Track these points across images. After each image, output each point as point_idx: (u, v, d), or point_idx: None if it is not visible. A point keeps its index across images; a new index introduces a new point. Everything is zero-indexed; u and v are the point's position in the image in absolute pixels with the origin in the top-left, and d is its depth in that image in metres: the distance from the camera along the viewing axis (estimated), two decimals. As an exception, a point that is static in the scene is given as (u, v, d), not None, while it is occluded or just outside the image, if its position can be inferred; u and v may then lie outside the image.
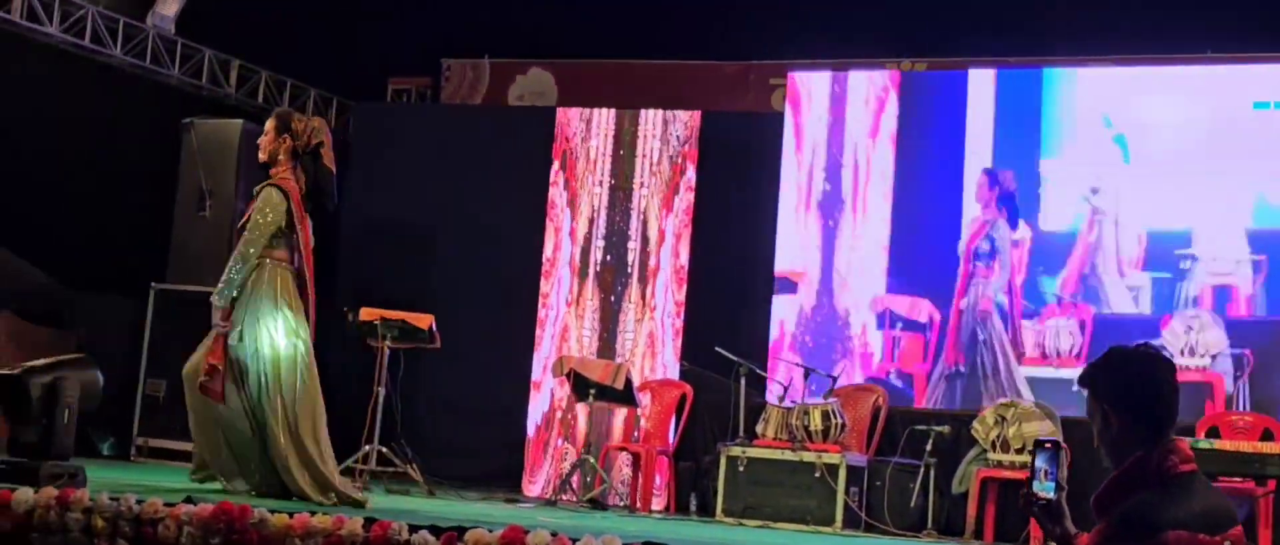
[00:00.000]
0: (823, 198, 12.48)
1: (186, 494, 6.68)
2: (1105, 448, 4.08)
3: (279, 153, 8.42)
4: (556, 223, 13.29)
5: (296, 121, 8.48)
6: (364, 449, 10.57)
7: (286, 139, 8.42)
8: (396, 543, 5.91)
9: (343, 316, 11.36)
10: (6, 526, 6.42)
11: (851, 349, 12.15)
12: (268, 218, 8.25)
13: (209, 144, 12.57)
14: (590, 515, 10.01)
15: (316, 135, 8.47)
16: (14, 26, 12.15)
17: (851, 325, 12.22)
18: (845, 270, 12.34)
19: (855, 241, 12.38)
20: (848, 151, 12.40)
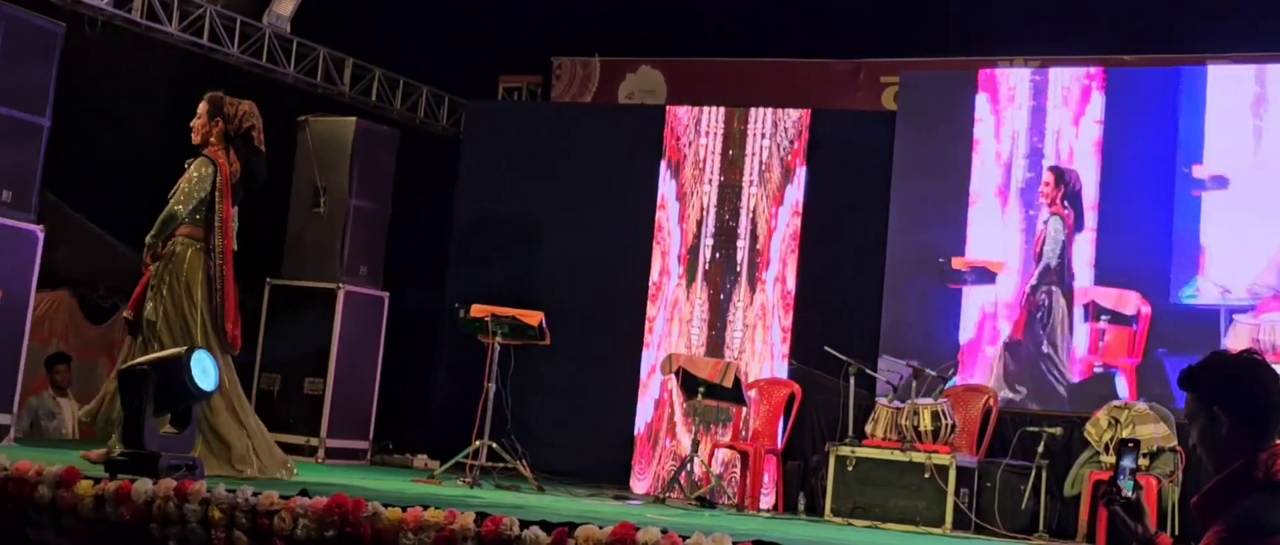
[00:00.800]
0: (1025, 185, 12.11)
1: (302, 487, 6.77)
2: (1207, 450, 4.07)
3: (211, 135, 8.78)
4: (666, 221, 13.31)
5: (228, 105, 8.85)
6: (474, 444, 10.64)
7: (219, 122, 8.82)
8: (507, 538, 5.96)
9: (454, 313, 11.45)
10: (127, 517, 6.55)
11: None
12: (197, 186, 8.60)
13: (323, 141, 12.71)
14: (699, 513, 10.01)
15: (247, 119, 8.86)
16: (134, 25, 12.36)
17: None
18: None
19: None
20: (1049, 142, 12.07)
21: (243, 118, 8.77)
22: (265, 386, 12.37)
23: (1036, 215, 11.97)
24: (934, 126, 12.60)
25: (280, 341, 12.47)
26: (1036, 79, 12.26)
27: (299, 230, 12.69)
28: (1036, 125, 12.13)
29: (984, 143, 12.27)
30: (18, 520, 6.84)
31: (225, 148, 8.72)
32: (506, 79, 15.40)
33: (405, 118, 14.75)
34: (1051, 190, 11.83)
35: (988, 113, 12.29)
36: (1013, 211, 12.07)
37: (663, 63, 15.07)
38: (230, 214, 8.74)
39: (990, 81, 12.35)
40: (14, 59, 9.93)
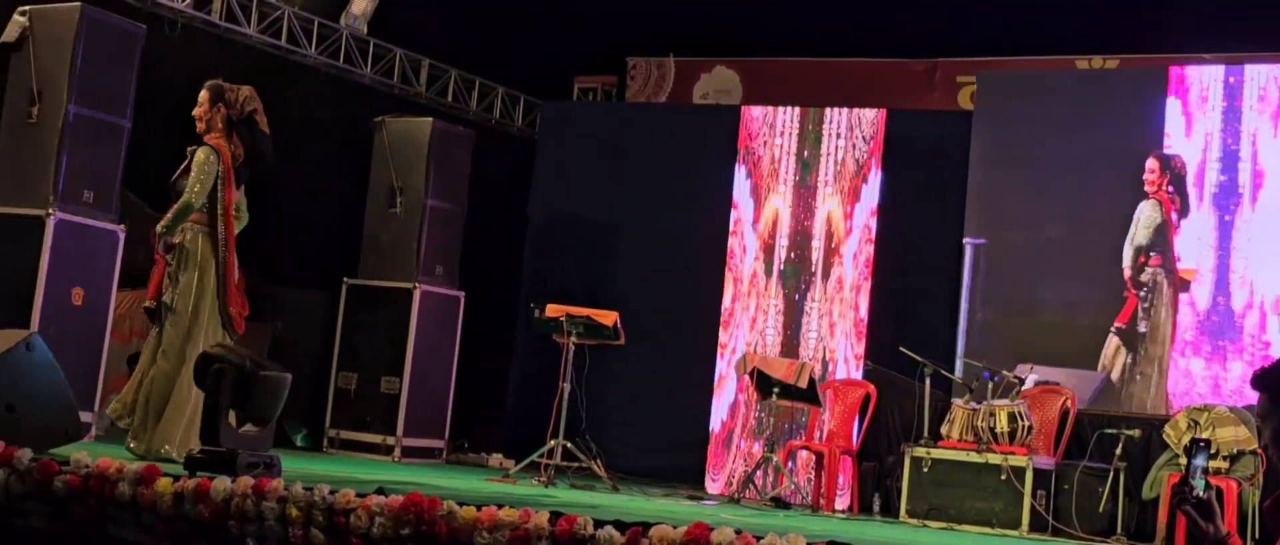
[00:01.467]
0: (1218, 189, 11.76)
1: (378, 486, 6.81)
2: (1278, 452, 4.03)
3: (216, 121, 8.90)
4: (740, 222, 13.29)
5: (229, 92, 8.99)
6: (549, 444, 10.67)
7: (221, 108, 8.94)
8: (582, 537, 5.97)
9: (529, 313, 11.49)
10: (205, 514, 6.61)
11: (1244, 345, 11.48)
12: (205, 174, 8.74)
13: (399, 142, 12.79)
14: (773, 514, 10.00)
15: (249, 103, 9.00)
16: (213, 27, 12.48)
17: (1247, 321, 11.51)
18: (1241, 266, 11.55)
19: (1251, 235, 11.58)
20: (1245, 143, 11.86)
21: (244, 102, 8.95)
22: (342, 385, 12.46)
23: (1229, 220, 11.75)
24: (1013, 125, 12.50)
25: (357, 341, 12.56)
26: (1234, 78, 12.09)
27: (376, 230, 12.77)
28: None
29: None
30: (98, 517, 6.92)
31: (227, 134, 8.84)
32: (582, 79, 15.44)
33: (481, 118, 14.81)
34: (1156, 177, 11.72)
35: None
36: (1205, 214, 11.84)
37: (738, 63, 15.06)
38: (232, 200, 8.87)
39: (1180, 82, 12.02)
40: (96, 60, 10.06)
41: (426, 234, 12.59)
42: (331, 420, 12.53)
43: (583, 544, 5.96)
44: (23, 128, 9.99)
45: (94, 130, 10.07)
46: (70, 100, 9.87)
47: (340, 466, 9.96)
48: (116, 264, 10.21)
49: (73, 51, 9.92)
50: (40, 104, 9.93)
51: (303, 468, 8.63)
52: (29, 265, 9.66)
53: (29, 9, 10.13)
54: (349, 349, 12.59)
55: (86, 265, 9.95)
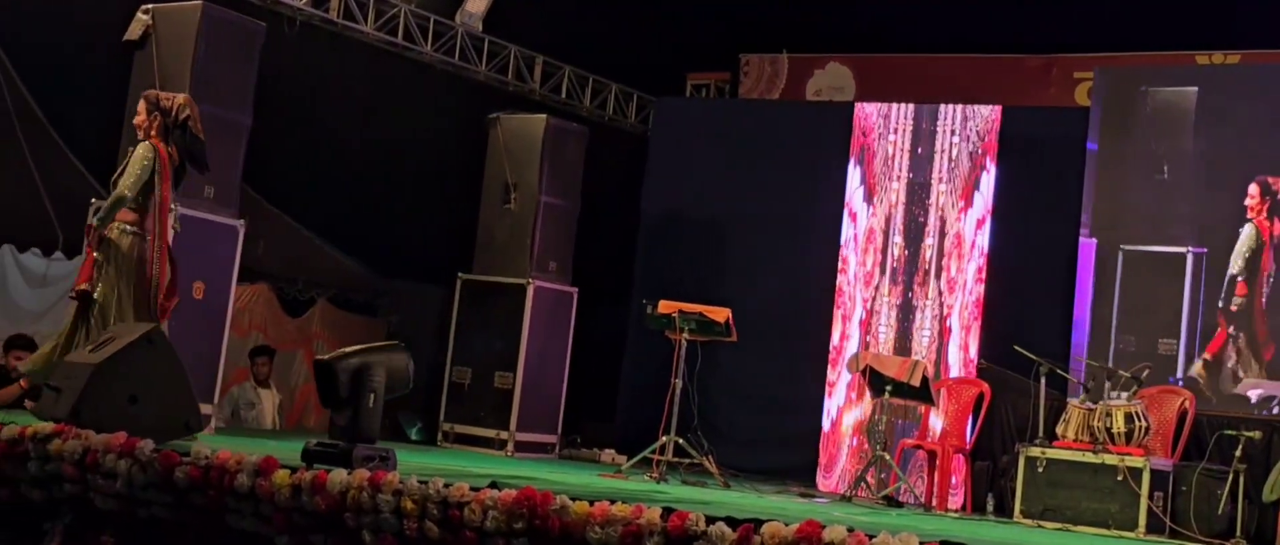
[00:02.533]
0: None
1: (492, 480, 6.86)
2: None
3: (152, 129, 9.02)
4: (853, 219, 13.23)
5: (164, 100, 9.11)
6: (661, 440, 10.69)
7: (157, 116, 9.06)
8: (693, 534, 5.98)
9: (641, 309, 11.51)
10: (322, 506, 6.69)
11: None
12: (140, 167, 8.87)
13: (514, 138, 12.86)
14: (885, 512, 9.96)
15: (183, 110, 9.08)
16: (331, 25, 12.63)
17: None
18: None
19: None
20: None
21: (179, 109, 9.12)
22: (457, 380, 12.56)
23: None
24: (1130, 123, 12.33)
25: (471, 336, 12.65)
26: None
27: (490, 226, 12.86)
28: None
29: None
30: (218, 508, 7.03)
31: (165, 139, 8.98)
32: (695, 76, 15.45)
33: (594, 114, 14.87)
34: (1257, 203, 11.52)
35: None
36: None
37: (851, 59, 14.99)
38: (169, 197, 9.03)
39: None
40: (217, 58, 10.20)
41: (540, 230, 12.66)
42: (446, 414, 12.63)
43: (694, 540, 5.97)
44: (145, 125, 10.14)
45: (215, 127, 10.19)
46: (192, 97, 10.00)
47: (454, 460, 10.04)
48: (236, 259, 10.36)
49: (194, 49, 10.07)
50: (162, 101, 10.08)
51: (417, 461, 8.71)
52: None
53: (152, 7, 10.29)
54: (463, 344, 12.68)
55: (207, 260, 10.09)
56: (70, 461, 7.34)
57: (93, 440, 7.34)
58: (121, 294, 8.81)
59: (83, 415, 7.60)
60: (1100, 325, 12.06)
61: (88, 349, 8.11)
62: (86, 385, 7.69)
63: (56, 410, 7.74)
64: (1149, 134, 12.17)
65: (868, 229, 13.16)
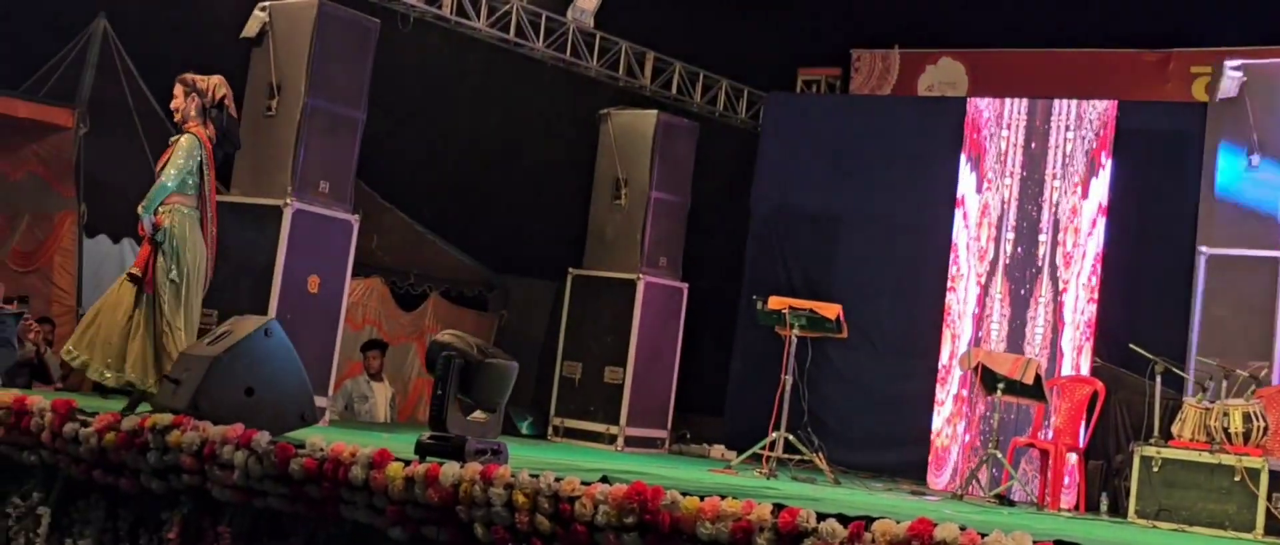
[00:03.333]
0: None
1: (602, 474, 6.88)
2: None
3: (191, 111, 9.05)
4: (965, 214, 13.14)
5: (200, 82, 9.12)
6: (771, 436, 10.68)
7: (195, 98, 9.07)
8: (804, 530, 5.97)
9: (752, 304, 11.50)
10: (434, 499, 6.75)
11: None
12: (186, 159, 8.90)
13: (624, 134, 12.89)
14: (997, 511, 9.87)
15: (219, 90, 9.13)
16: (444, 21, 12.72)
17: None
18: None
19: None
20: None
21: (215, 89, 9.15)
22: (567, 374, 12.61)
23: None
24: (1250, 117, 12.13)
25: (582, 331, 12.70)
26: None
27: (601, 222, 12.90)
28: None
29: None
30: (332, 499, 7.11)
31: (203, 121, 9.02)
32: (805, 71, 15.41)
33: (705, 110, 14.87)
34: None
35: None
36: None
37: (964, 54, 14.88)
38: (214, 183, 9.15)
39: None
40: (332, 54, 10.31)
41: (650, 226, 12.68)
42: (556, 409, 12.68)
43: (805, 537, 5.96)
44: (262, 121, 10.28)
45: (330, 122, 10.32)
46: (307, 93, 10.13)
47: (565, 455, 10.08)
48: (350, 252, 10.46)
49: (310, 45, 10.18)
50: (279, 97, 10.22)
51: (528, 455, 8.76)
52: (267, 253, 9.94)
53: (269, 4, 10.43)
54: (574, 339, 12.73)
55: (322, 254, 10.21)
56: (188, 452, 7.46)
57: (210, 432, 7.46)
58: (176, 274, 8.93)
59: (201, 407, 7.72)
60: (1215, 324, 11.88)
61: (207, 341, 8.23)
62: (205, 377, 7.80)
63: (175, 402, 7.87)
64: (1269, 129, 11.97)
65: (980, 225, 13.05)
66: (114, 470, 7.86)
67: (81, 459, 7.95)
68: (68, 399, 8.31)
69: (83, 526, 8.04)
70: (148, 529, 7.83)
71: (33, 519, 8.23)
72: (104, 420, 7.88)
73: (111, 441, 7.76)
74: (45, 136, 12.50)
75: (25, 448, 8.23)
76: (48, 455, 8.12)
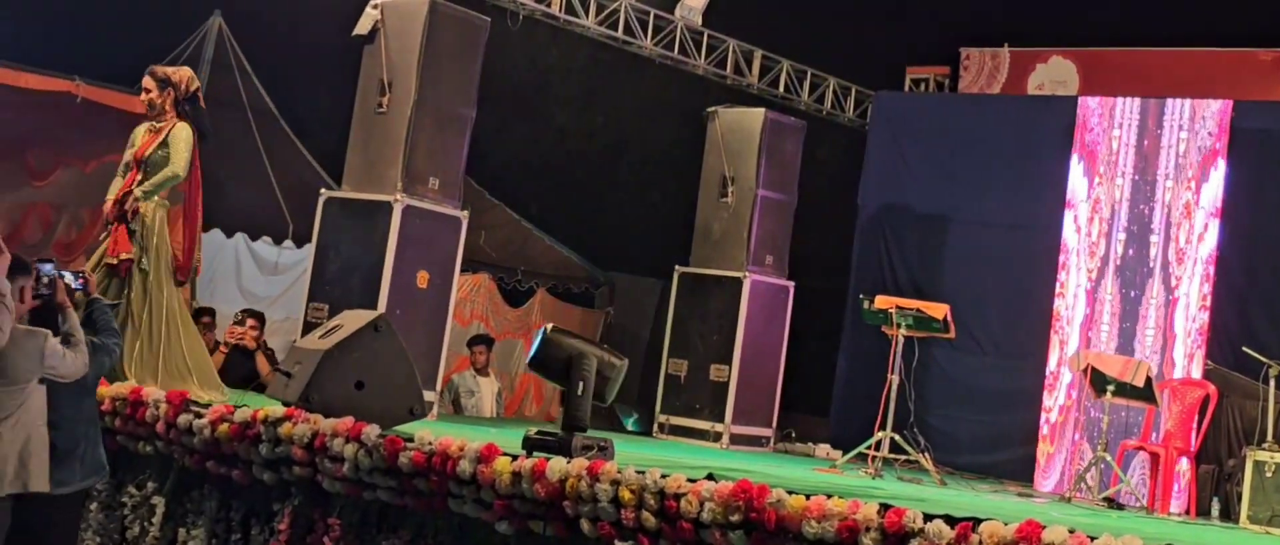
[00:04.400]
0: None
1: (708, 471, 6.90)
2: None
3: (165, 104, 9.19)
4: (1075, 215, 13.01)
5: (173, 74, 9.29)
6: (877, 436, 10.64)
7: (170, 92, 9.21)
8: (910, 531, 5.96)
9: (858, 303, 11.46)
10: (541, 494, 6.81)
11: None
12: (188, 151, 9.09)
13: (732, 132, 12.88)
14: (1106, 514, 9.77)
15: (192, 83, 9.30)
16: (553, 19, 12.79)
17: None
18: None
19: None
20: None
21: (188, 83, 9.28)
22: (673, 372, 12.62)
23: None
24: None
25: (688, 329, 12.71)
26: None
27: (707, 219, 12.90)
28: None
29: None
30: (440, 492, 7.19)
31: (177, 113, 9.08)
32: (914, 70, 15.32)
33: (812, 109, 14.84)
34: None
35: None
36: None
37: (1075, 53, 14.73)
38: (199, 175, 9.29)
39: None
40: (443, 52, 10.38)
41: (757, 224, 12.66)
42: (662, 406, 12.69)
43: (911, 537, 5.96)
44: (373, 117, 10.38)
45: (440, 119, 10.40)
46: (418, 90, 10.20)
47: (670, 451, 10.10)
48: (459, 249, 10.53)
49: (421, 43, 10.25)
50: (389, 94, 10.30)
51: (634, 452, 8.78)
52: (377, 249, 10.03)
53: (381, 2, 10.52)
54: (680, 336, 12.74)
55: (431, 250, 10.28)
56: (299, 445, 7.58)
57: (321, 424, 7.57)
58: (163, 260, 9.05)
59: (312, 400, 7.82)
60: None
61: (318, 335, 8.34)
62: (316, 370, 7.90)
63: (287, 394, 7.98)
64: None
65: (1090, 226, 12.92)
66: (227, 461, 8.01)
67: (195, 450, 8.10)
68: (182, 391, 8.46)
69: (196, 516, 8.18)
70: (259, 520, 7.96)
71: (148, 508, 8.39)
72: (217, 412, 8.02)
73: (224, 433, 7.90)
74: (161, 133, 12.71)
75: (141, 438, 8.40)
76: (162, 446, 8.28)
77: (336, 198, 10.35)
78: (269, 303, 13.17)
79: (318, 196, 10.39)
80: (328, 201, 10.33)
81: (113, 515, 8.52)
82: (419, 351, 9.30)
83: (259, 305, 12.46)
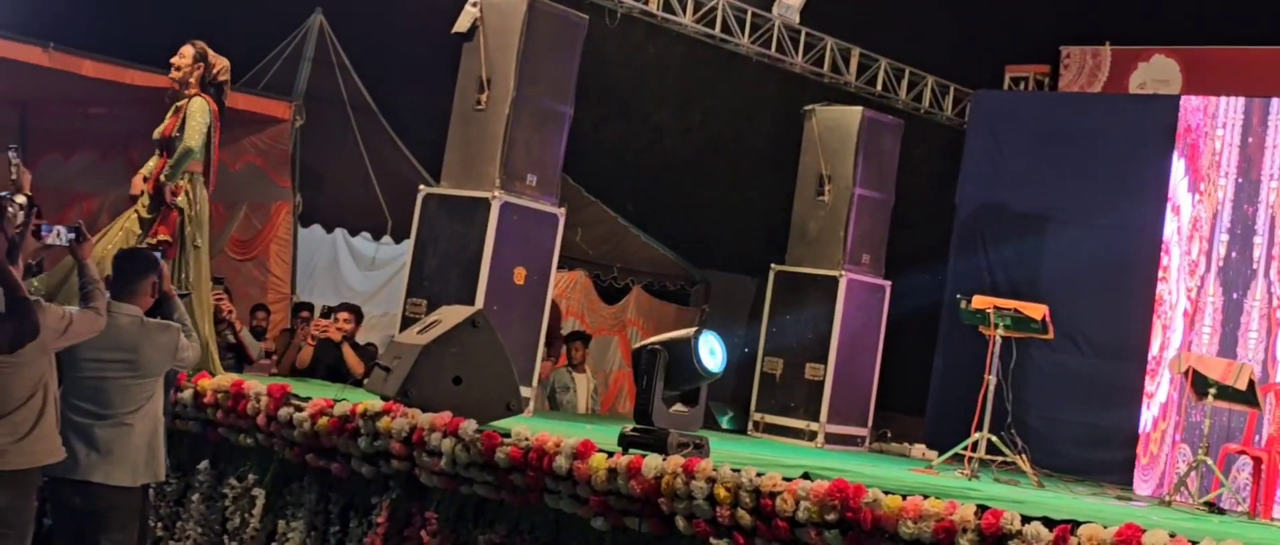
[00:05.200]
0: None
1: (804, 470, 6.89)
2: None
3: (191, 78, 9.05)
4: (1177, 216, 12.86)
5: (212, 56, 9.11)
6: (973, 437, 10.57)
7: (200, 67, 9.07)
8: (1008, 533, 5.92)
9: (955, 303, 11.40)
10: (637, 490, 6.83)
11: None
12: (202, 122, 8.95)
13: (829, 130, 12.83)
14: (1207, 519, 9.66)
15: (223, 73, 9.15)
16: (650, 17, 12.81)
17: None
18: None
19: None
20: None
21: (221, 71, 9.17)
22: (768, 370, 12.60)
23: None
24: None
25: (783, 327, 12.69)
26: None
27: (804, 218, 12.86)
28: None
29: None
30: (536, 488, 7.23)
31: (202, 92, 9.06)
32: (1013, 68, 15.21)
33: (910, 107, 14.77)
34: None
35: None
36: None
37: (1178, 51, 14.56)
38: (218, 151, 9.24)
39: None
40: (541, 49, 10.42)
41: (854, 222, 12.60)
42: (757, 404, 12.68)
43: (1009, 539, 5.92)
44: (471, 114, 10.43)
45: (538, 117, 10.44)
46: (516, 88, 10.25)
47: (765, 450, 10.10)
48: (556, 246, 10.57)
49: (520, 40, 10.29)
50: (488, 91, 10.35)
51: (729, 450, 8.79)
52: (475, 245, 10.09)
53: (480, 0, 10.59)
54: (775, 335, 12.71)
55: (528, 246, 10.32)
56: (398, 439, 7.64)
57: (419, 419, 7.63)
58: (198, 244, 9.08)
59: (410, 394, 7.89)
60: None
61: (416, 330, 8.40)
62: (414, 365, 7.96)
63: (386, 389, 8.05)
64: None
65: (1192, 226, 12.77)
66: (326, 454, 8.09)
67: (295, 442, 8.19)
68: (283, 383, 8.57)
69: (295, 508, 8.28)
70: (357, 513, 8.04)
71: (248, 500, 8.50)
72: (317, 405, 8.11)
73: (324, 426, 7.99)
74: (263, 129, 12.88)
75: (242, 430, 8.51)
76: (263, 438, 8.39)
77: (435, 194, 10.42)
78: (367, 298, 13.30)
79: (416, 192, 10.46)
80: (426, 198, 10.40)
81: (214, 506, 8.64)
82: (516, 347, 9.33)
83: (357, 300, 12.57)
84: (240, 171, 12.99)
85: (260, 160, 13.05)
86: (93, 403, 6.80)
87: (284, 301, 12.77)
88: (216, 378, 8.69)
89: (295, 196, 12.93)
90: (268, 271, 13.01)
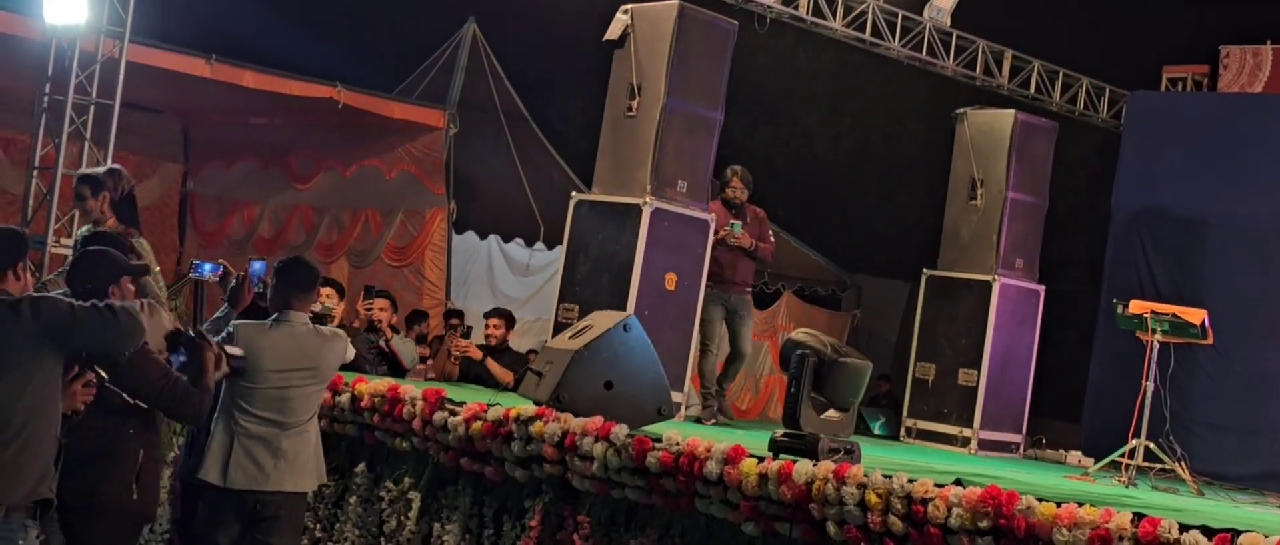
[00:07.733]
0: None
1: (956, 476, 6.84)
2: None
3: (103, 209, 7.95)
4: (1342, 217, 12.58)
5: (102, 174, 8.05)
6: (1131, 443, 10.41)
7: (104, 195, 7.93)
8: (1166, 541, 5.83)
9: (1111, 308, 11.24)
10: (787, 496, 6.83)
11: None
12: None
13: (981, 134, 12.72)
14: (1373, 528, 9.42)
15: (127, 180, 8.07)
16: (800, 21, 12.81)
17: None
18: None
19: None
20: None
21: (123, 181, 8.04)
22: (920, 376, 12.52)
23: None
24: None
25: (936, 332, 12.60)
26: None
27: (956, 222, 12.76)
28: None
29: None
30: (687, 493, 7.26)
31: (118, 217, 8.00)
32: (1170, 69, 14.97)
33: (1064, 109, 14.60)
34: None
35: None
36: None
37: (1343, 50, 14.26)
38: None
39: None
40: (691, 56, 10.46)
41: (1006, 226, 12.47)
42: (909, 410, 12.61)
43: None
44: (622, 121, 10.51)
45: (688, 123, 10.47)
46: (667, 94, 10.29)
47: (917, 456, 10.04)
48: (706, 253, 10.59)
49: (670, 47, 10.34)
50: (639, 98, 10.42)
51: (881, 456, 8.75)
52: (627, 250, 10.15)
53: (631, 7, 10.65)
54: (927, 340, 12.62)
55: (679, 252, 10.36)
56: (550, 443, 7.72)
57: (571, 423, 7.70)
58: None
59: (562, 399, 7.97)
60: None
61: (568, 335, 8.48)
62: (566, 371, 8.04)
63: (538, 393, 8.14)
64: None
65: (1357, 229, 12.47)
66: (480, 458, 8.20)
67: (450, 447, 8.31)
68: (438, 388, 8.69)
69: (450, 512, 8.39)
70: (511, 516, 8.13)
71: (404, 503, 8.63)
72: (471, 410, 8.21)
73: (478, 431, 8.09)
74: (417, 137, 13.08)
75: (398, 435, 8.65)
76: (419, 442, 8.52)
77: (587, 200, 10.50)
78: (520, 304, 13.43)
79: (568, 199, 10.55)
80: (578, 204, 10.49)
81: (371, 509, 8.80)
82: (667, 353, 9.36)
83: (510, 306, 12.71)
84: (395, 179, 13.19)
85: (415, 168, 13.24)
86: (277, 413, 6.92)
87: (439, 307, 12.95)
88: (373, 382, 8.83)
89: (449, 203, 13.10)
90: (423, 277, 13.20)
